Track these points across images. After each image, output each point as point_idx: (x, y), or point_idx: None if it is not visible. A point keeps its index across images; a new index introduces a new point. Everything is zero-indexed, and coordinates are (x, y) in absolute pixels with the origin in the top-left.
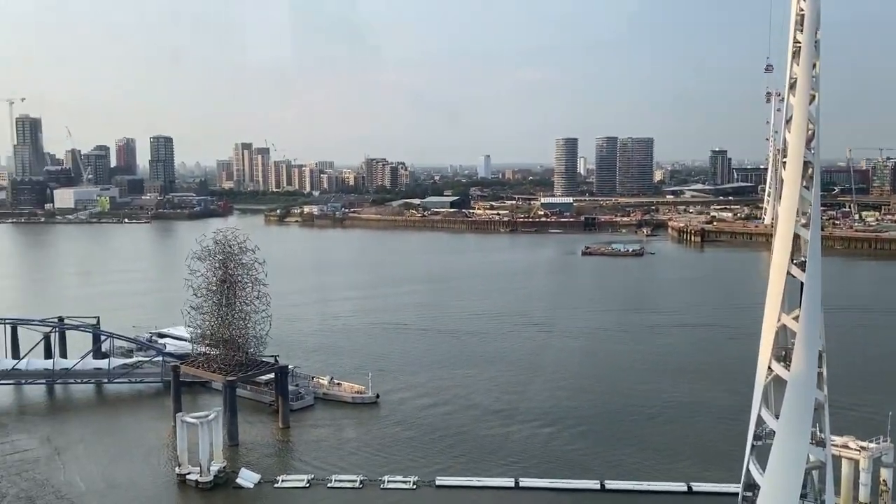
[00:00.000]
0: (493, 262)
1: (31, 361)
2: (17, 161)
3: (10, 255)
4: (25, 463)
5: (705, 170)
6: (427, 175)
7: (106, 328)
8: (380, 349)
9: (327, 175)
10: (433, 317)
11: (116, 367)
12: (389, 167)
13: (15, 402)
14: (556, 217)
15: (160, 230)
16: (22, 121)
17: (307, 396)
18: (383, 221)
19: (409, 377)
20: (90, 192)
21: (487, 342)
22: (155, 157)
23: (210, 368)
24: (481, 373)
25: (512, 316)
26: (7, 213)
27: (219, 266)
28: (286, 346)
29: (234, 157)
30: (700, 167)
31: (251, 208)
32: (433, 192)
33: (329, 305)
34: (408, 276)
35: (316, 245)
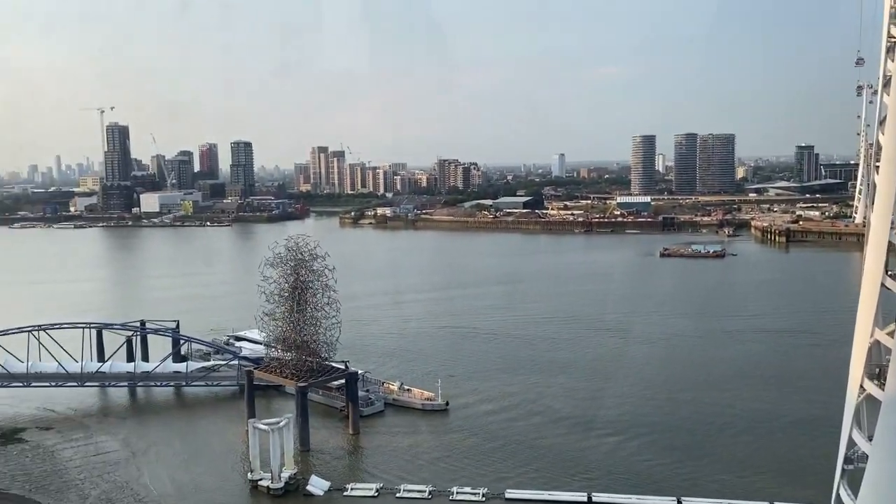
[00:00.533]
0: (566, 265)
1: (115, 364)
2: (107, 167)
3: (101, 258)
4: (107, 465)
5: (791, 166)
6: (500, 175)
7: (185, 331)
8: (450, 354)
9: (400, 177)
10: (504, 320)
11: (194, 371)
12: (461, 168)
13: (99, 404)
14: (632, 217)
15: (240, 233)
16: (111, 128)
17: (377, 402)
18: (455, 223)
19: (478, 383)
20: (174, 196)
21: (559, 348)
22: (235, 162)
23: (282, 374)
24: (552, 380)
25: (585, 320)
26: (98, 216)
27: (290, 272)
28: (357, 349)
29: (310, 161)
30: (785, 163)
31: (327, 210)
32: (506, 193)
33: (400, 308)
34: (479, 278)
35: (388, 247)
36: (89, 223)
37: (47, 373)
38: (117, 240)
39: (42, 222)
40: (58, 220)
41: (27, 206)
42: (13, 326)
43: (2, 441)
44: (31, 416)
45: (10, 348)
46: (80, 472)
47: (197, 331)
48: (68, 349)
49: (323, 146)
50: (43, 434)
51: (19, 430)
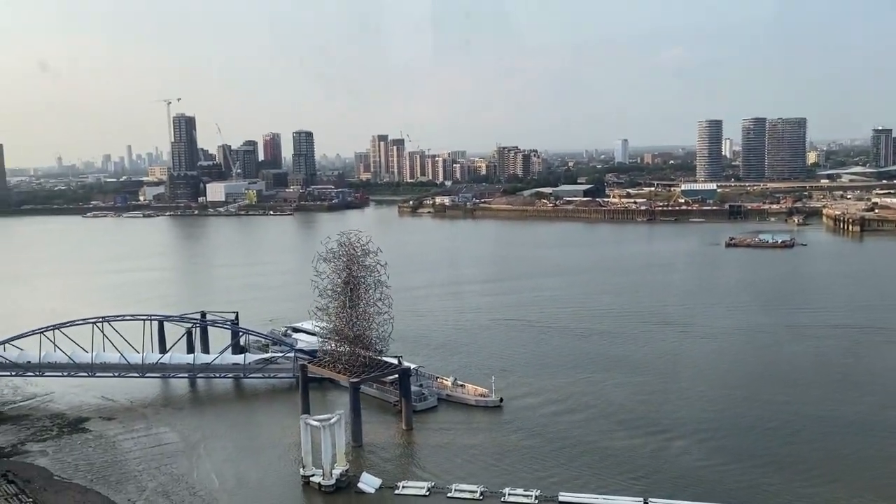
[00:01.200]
0: (627, 255)
1: (175, 356)
2: (174, 157)
3: (167, 247)
4: (164, 456)
5: (866, 150)
6: (561, 161)
7: (245, 321)
8: (504, 347)
9: (459, 165)
10: (561, 313)
11: (252, 363)
12: (521, 155)
13: (160, 395)
14: (697, 205)
15: (301, 222)
16: (178, 119)
17: (431, 398)
18: (514, 211)
19: (533, 379)
20: (239, 185)
21: (617, 343)
22: (297, 152)
23: (335, 368)
24: (610, 377)
25: (645, 314)
26: (165, 206)
27: (343, 268)
28: (412, 341)
29: (371, 149)
30: (860, 147)
31: (386, 199)
32: (566, 180)
33: (456, 299)
34: (535, 269)
35: (445, 236)
36: (157, 212)
37: (110, 363)
38: (183, 229)
39: (113, 211)
40: (127, 209)
41: (99, 195)
42: (79, 318)
43: (67, 430)
44: (96, 405)
45: (77, 339)
46: (139, 463)
47: (256, 321)
48: (131, 340)
49: (383, 134)
50: (105, 424)
51: (84, 419)
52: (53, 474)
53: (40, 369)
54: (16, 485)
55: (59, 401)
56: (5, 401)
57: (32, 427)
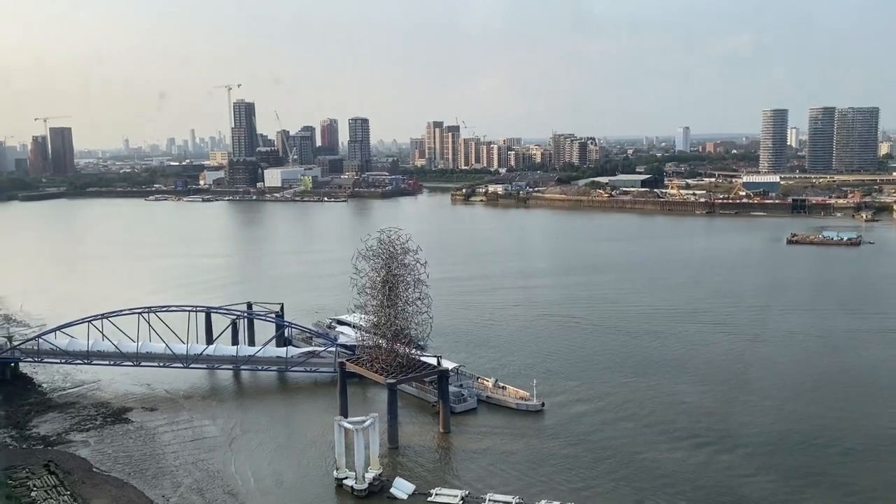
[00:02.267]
0: (682, 250)
1: (219, 347)
2: (234, 142)
3: (223, 232)
4: (201, 451)
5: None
6: (620, 148)
7: (291, 311)
8: (548, 346)
9: (514, 152)
10: (609, 311)
11: (293, 356)
12: (577, 143)
13: (204, 386)
14: (759, 198)
15: (355, 208)
16: (238, 105)
17: (470, 399)
18: (568, 201)
19: (577, 383)
20: (295, 171)
21: (667, 345)
22: (353, 138)
23: (373, 368)
24: (656, 382)
25: (697, 314)
26: (224, 190)
27: (382, 266)
28: (454, 337)
29: (426, 136)
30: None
31: (440, 186)
32: (623, 169)
33: (501, 293)
34: (587, 264)
35: (496, 226)
36: (216, 197)
37: (155, 353)
38: (240, 214)
39: (173, 195)
40: (188, 193)
41: (162, 178)
42: (126, 308)
43: (111, 420)
44: (140, 395)
45: (125, 328)
46: (176, 457)
47: (303, 311)
48: (179, 329)
49: (438, 121)
50: (147, 415)
51: (127, 409)
52: (93, 466)
53: (88, 357)
54: (56, 476)
55: (105, 389)
56: (55, 387)
57: (78, 416)
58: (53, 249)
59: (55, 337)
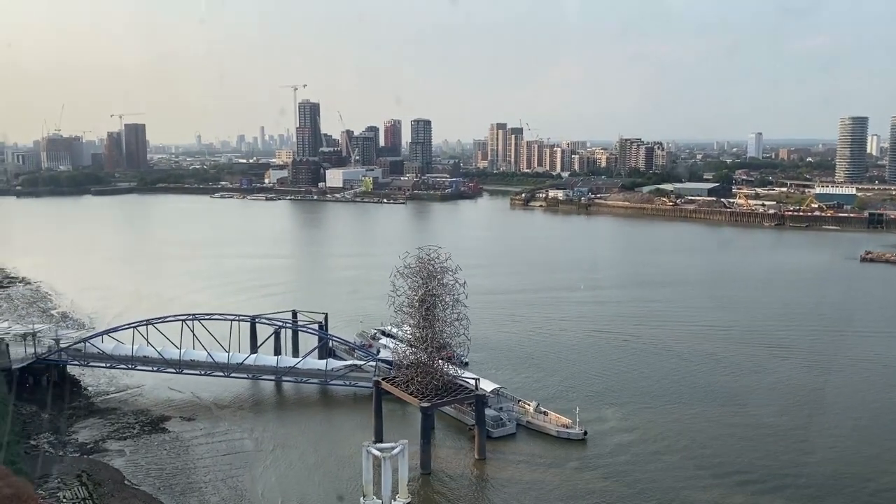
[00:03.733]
0: (748, 265)
1: (260, 357)
2: (298, 142)
3: (282, 233)
4: (233, 467)
5: None
6: (689, 153)
7: (337, 319)
8: (595, 366)
9: (578, 156)
10: (662, 329)
11: (333, 369)
12: (644, 148)
13: (244, 396)
14: (832, 211)
15: (413, 211)
16: (303, 105)
17: (509, 423)
18: (630, 209)
19: (621, 409)
20: (357, 172)
21: (726, 371)
22: (414, 140)
23: (408, 390)
24: (707, 412)
25: (762, 337)
26: (287, 189)
27: (420, 285)
28: (498, 352)
29: (489, 137)
30: None
31: (500, 189)
32: (691, 176)
33: (550, 307)
34: (643, 276)
35: (554, 234)
36: (279, 196)
37: (197, 361)
38: (300, 214)
39: (238, 193)
40: (252, 191)
41: (228, 176)
42: (170, 314)
43: (148, 429)
44: (180, 403)
45: (170, 334)
46: (207, 472)
47: (349, 319)
48: (225, 336)
49: (502, 123)
50: (184, 425)
51: (166, 417)
52: (125, 478)
53: (132, 362)
54: (87, 488)
55: (147, 395)
56: (100, 391)
57: (117, 423)
58: (114, 245)
59: (102, 341)
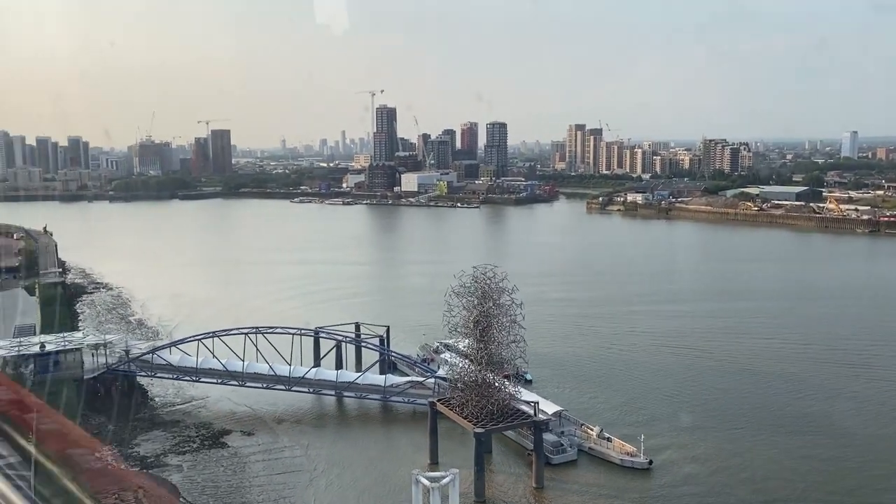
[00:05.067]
0: (837, 277)
1: (321, 371)
2: (375, 147)
3: (355, 239)
4: (286, 487)
5: None
6: (778, 153)
7: (401, 330)
8: (665, 386)
9: (660, 157)
10: (740, 348)
11: (391, 385)
12: (729, 149)
13: (305, 411)
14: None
15: (486, 215)
16: (380, 110)
17: (571, 449)
18: (713, 214)
19: (690, 435)
20: (431, 176)
21: (808, 395)
22: (490, 143)
23: (462, 412)
24: (790, 442)
25: (849, 357)
26: (363, 194)
27: (475, 305)
28: (564, 369)
29: (567, 138)
30: None
31: (577, 192)
32: (778, 178)
33: (622, 320)
34: (723, 287)
35: (631, 240)
36: (355, 200)
37: (260, 374)
38: (375, 219)
39: (317, 197)
40: (330, 196)
41: (308, 180)
42: (234, 327)
43: (207, 444)
44: (241, 416)
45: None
46: (261, 491)
47: (413, 331)
48: (290, 348)
49: (580, 124)
50: (244, 440)
51: (226, 432)
52: (181, 495)
53: (197, 374)
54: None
55: (211, 407)
56: (166, 402)
57: (179, 436)
58: (194, 250)
59: (170, 352)
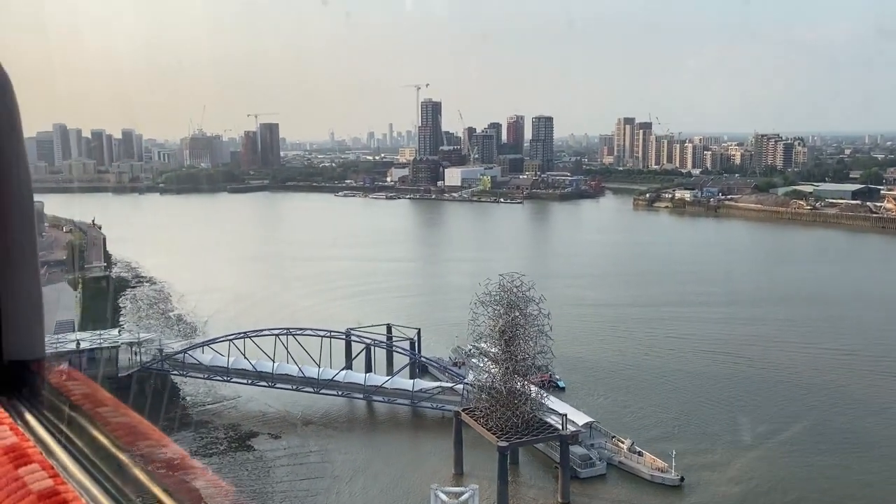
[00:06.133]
0: (890, 281)
1: (350, 373)
2: (420, 141)
3: (396, 234)
4: (308, 494)
5: None
6: (836, 147)
7: (433, 332)
8: (701, 394)
9: (711, 152)
10: (781, 356)
11: (419, 390)
12: (782, 144)
13: (334, 414)
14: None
15: (529, 211)
16: (426, 104)
17: (600, 463)
18: (763, 212)
19: (725, 450)
20: (475, 171)
21: (855, 406)
22: (535, 137)
23: (487, 424)
24: (823, 459)
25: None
26: (407, 188)
27: (502, 314)
28: (598, 375)
29: (615, 132)
30: None
31: (625, 188)
32: (835, 175)
33: (663, 324)
34: (769, 290)
35: (677, 238)
36: (399, 194)
37: (289, 375)
38: (417, 214)
39: (361, 191)
40: (374, 189)
41: (353, 174)
42: (265, 328)
43: (234, 446)
44: (270, 418)
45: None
46: (282, 498)
47: (446, 332)
48: (322, 349)
49: (629, 117)
50: (270, 443)
51: (253, 434)
52: (202, 499)
53: (228, 375)
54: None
55: (241, 407)
56: (198, 401)
57: (207, 437)
58: (239, 243)
59: (203, 351)
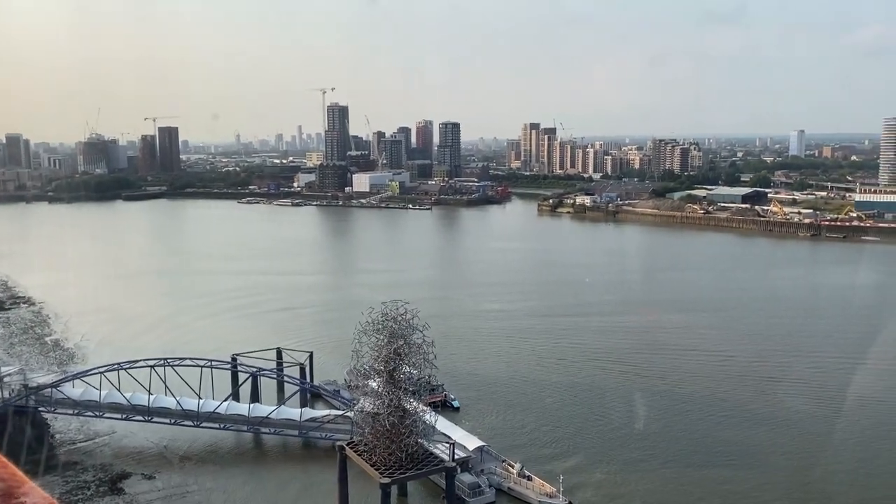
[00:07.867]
0: (777, 286)
1: (232, 405)
2: (327, 146)
3: (298, 244)
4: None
5: None
6: (729, 150)
7: (332, 354)
8: (591, 407)
9: (611, 157)
10: (680, 364)
11: (307, 420)
12: (679, 149)
13: (217, 449)
14: (872, 221)
15: (438, 217)
16: (332, 108)
17: (488, 491)
18: (659, 217)
19: (614, 470)
20: (384, 176)
21: (736, 418)
22: (442, 143)
23: (370, 459)
24: (715, 475)
25: (773, 370)
26: (314, 194)
27: (384, 344)
28: (492, 391)
29: (522, 137)
30: None
31: (529, 193)
32: (727, 178)
33: (559, 335)
34: (657, 298)
35: (577, 246)
36: (305, 201)
37: (166, 409)
38: (323, 222)
39: (265, 198)
40: (279, 196)
41: (257, 180)
42: (141, 358)
43: (104, 489)
44: (146, 455)
45: None
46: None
47: (342, 354)
48: (205, 377)
49: (535, 122)
50: (143, 485)
51: (126, 475)
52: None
53: (100, 409)
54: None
55: (114, 445)
56: (67, 439)
57: (73, 481)
58: (130, 257)
59: (73, 386)
